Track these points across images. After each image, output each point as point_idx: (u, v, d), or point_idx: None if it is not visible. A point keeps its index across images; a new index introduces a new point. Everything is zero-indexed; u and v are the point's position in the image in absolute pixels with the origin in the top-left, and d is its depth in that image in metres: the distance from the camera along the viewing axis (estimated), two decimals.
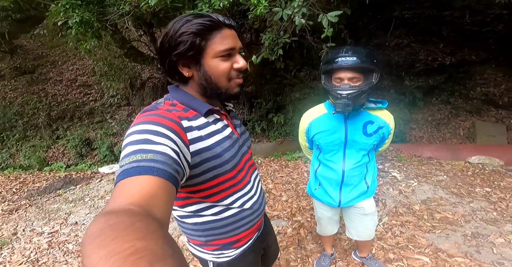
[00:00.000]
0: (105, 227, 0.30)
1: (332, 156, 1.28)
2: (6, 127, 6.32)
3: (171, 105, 0.66)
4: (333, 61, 1.08)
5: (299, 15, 2.45)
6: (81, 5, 2.79)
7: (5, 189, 3.77)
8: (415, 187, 2.79)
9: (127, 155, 0.48)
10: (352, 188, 1.32)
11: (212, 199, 0.71)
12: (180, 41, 0.61)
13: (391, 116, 1.25)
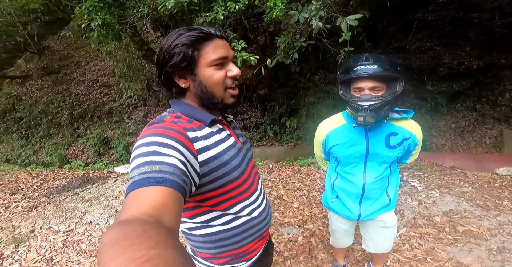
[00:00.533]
0: (120, 236, 0.32)
1: (352, 169, 1.20)
2: (31, 125, 6.67)
3: (176, 117, 0.67)
4: (352, 69, 1.00)
5: (316, 18, 2.39)
6: (103, 7, 2.89)
7: (27, 186, 3.93)
8: (436, 198, 2.66)
9: (136, 166, 0.50)
10: (373, 201, 1.23)
11: (221, 207, 0.71)
12: (174, 53, 0.63)
13: (417, 126, 1.15)
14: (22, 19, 6.85)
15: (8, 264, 2.08)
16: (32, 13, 7.11)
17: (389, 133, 1.12)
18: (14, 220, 2.83)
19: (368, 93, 1.00)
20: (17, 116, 6.85)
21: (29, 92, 7.22)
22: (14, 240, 2.40)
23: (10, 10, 6.32)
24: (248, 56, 2.44)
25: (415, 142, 1.16)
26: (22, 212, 3.01)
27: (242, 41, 2.53)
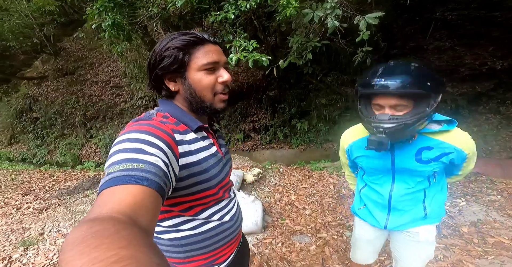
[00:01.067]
0: (88, 234, 0.30)
1: (378, 179, 1.09)
2: (46, 125, 6.83)
3: (164, 117, 0.66)
4: (369, 83, 0.85)
5: (332, 17, 2.28)
6: (113, 7, 2.87)
7: (39, 187, 3.97)
8: (462, 206, 2.50)
9: (117, 162, 0.48)
10: (404, 213, 1.09)
11: (191, 213, 0.70)
12: (165, 55, 0.64)
13: (463, 138, 0.96)
14: (39, 21, 7.06)
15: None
16: (49, 15, 7.32)
17: (422, 147, 0.97)
18: (24, 222, 2.83)
19: (387, 113, 0.85)
20: (33, 117, 7.04)
21: (45, 93, 7.40)
22: (24, 243, 2.38)
23: (28, 12, 6.51)
24: (260, 56, 2.35)
25: (462, 157, 0.98)
26: (33, 214, 3.02)
27: (253, 41, 2.45)
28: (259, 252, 2.06)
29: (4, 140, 7.10)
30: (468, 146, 0.97)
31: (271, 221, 2.46)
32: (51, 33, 7.62)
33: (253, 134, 4.87)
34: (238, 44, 2.43)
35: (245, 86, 5.00)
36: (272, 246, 2.13)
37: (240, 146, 4.78)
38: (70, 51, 8.10)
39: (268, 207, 2.69)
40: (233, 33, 2.64)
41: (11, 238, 2.51)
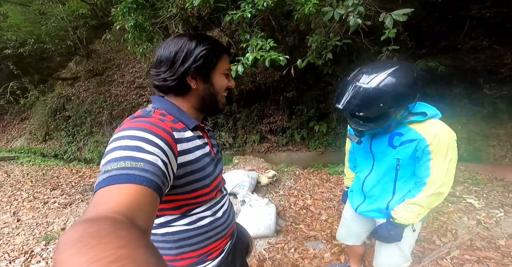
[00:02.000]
0: (84, 235, 0.29)
1: (363, 163, 1.26)
2: (77, 123, 7.26)
3: (161, 114, 0.65)
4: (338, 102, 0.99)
5: (355, 15, 2.16)
6: (136, 8, 2.96)
7: (66, 182, 4.17)
8: (500, 218, 2.27)
9: (115, 159, 0.47)
10: (373, 200, 1.23)
11: (182, 210, 0.71)
12: (201, 54, 0.66)
13: (436, 128, 0.97)
14: (73, 24, 7.54)
15: (36, 262, 2.12)
16: (81, 18, 7.80)
17: (394, 133, 1.07)
18: (49, 216, 2.97)
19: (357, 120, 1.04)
20: (66, 115, 7.50)
21: (77, 93, 7.88)
22: (46, 237, 2.48)
23: (63, 15, 6.97)
24: (277, 56, 2.29)
25: (422, 146, 0.97)
26: (58, 209, 3.15)
27: (270, 40, 2.40)
28: (270, 257, 1.99)
29: (39, 137, 7.63)
30: (433, 136, 0.95)
31: (285, 225, 2.37)
32: (84, 35, 8.10)
33: (269, 135, 4.80)
34: (255, 43, 2.39)
35: (263, 87, 4.96)
36: (285, 251, 2.05)
37: (256, 147, 4.74)
38: (100, 53, 8.58)
39: (282, 210, 2.60)
40: (250, 33, 2.61)
41: (35, 232, 2.62)
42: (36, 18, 6.98)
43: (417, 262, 1.82)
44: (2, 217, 3.01)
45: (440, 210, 2.43)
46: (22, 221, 2.88)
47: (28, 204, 3.34)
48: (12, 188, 3.94)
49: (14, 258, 2.19)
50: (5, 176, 4.54)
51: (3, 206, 3.29)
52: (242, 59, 2.33)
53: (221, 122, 4.99)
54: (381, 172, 1.14)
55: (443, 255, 1.86)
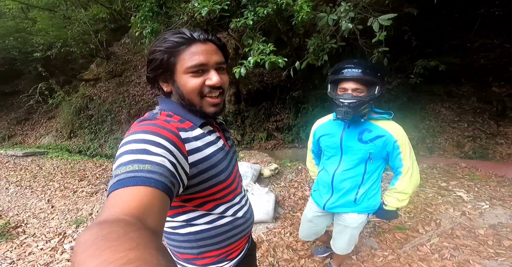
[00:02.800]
0: (98, 237, 0.30)
1: (330, 159, 1.36)
2: (99, 122, 7.78)
3: (168, 116, 0.66)
4: (339, 71, 1.15)
5: (346, 20, 2.35)
6: (152, 16, 3.28)
7: (91, 174, 4.62)
8: (485, 209, 2.41)
9: (123, 164, 0.48)
10: (341, 195, 1.34)
11: (205, 208, 0.71)
12: (152, 58, 0.64)
13: (396, 127, 1.23)
14: (94, 27, 7.99)
15: (68, 242, 2.46)
16: (101, 21, 8.25)
17: (364, 129, 1.23)
18: (79, 203, 3.36)
19: (350, 93, 1.14)
20: (89, 114, 8.02)
21: (98, 93, 8.41)
22: (76, 221, 2.85)
23: (85, 19, 7.42)
24: (276, 59, 2.52)
25: (391, 142, 1.21)
26: (86, 197, 3.55)
27: (270, 44, 2.62)
28: (268, 239, 2.23)
29: (65, 134, 8.24)
30: (397, 133, 1.21)
31: (283, 213, 2.61)
32: (104, 38, 8.56)
33: (276, 133, 5.02)
34: (256, 47, 2.62)
35: (270, 86, 5.17)
36: (281, 235, 2.28)
37: (263, 144, 4.97)
38: (118, 55, 9.07)
39: (282, 200, 2.84)
40: (253, 38, 2.84)
41: (67, 217, 3.00)
42: (62, 22, 7.41)
43: (399, 247, 2.00)
44: (38, 204, 3.43)
45: (429, 202, 2.58)
46: (56, 207, 3.28)
47: (60, 193, 3.77)
48: (45, 179, 4.42)
49: (50, 239, 2.53)
50: (38, 169, 5.06)
51: (39, 195, 3.74)
52: (245, 62, 2.57)
53: (230, 120, 5.27)
54: (351, 166, 1.27)
55: (423, 242, 2.03)
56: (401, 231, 2.20)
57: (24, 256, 2.21)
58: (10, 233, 2.60)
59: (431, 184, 3.04)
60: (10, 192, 3.87)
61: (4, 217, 2.99)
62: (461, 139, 4.29)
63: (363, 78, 1.11)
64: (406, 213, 2.45)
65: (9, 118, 9.63)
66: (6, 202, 3.49)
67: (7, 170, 5.05)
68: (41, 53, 7.30)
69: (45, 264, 2.10)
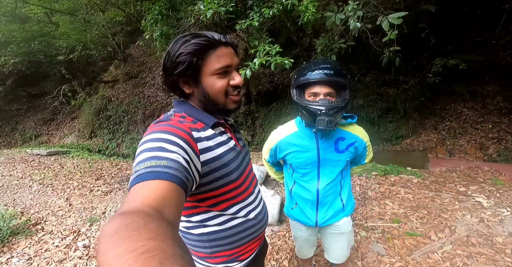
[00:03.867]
0: (120, 227, 0.33)
1: (306, 175, 1.21)
2: (116, 122, 8.08)
3: (181, 117, 0.70)
4: (308, 73, 1.01)
5: (354, 19, 2.27)
6: (161, 19, 3.34)
7: (107, 173, 4.80)
8: (505, 217, 2.24)
9: (142, 161, 0.52)
10: (328, 207, 1.25)
11: (218, 208, 0.73)
12: (179, 61, 0.65)
13: (362, 130, 1.19)
14: (112, 30, 8.28)
15: (81, 239, 2.56)
16: (118, 24, 8.52)
17: (338, 137, 1.14)
18: (94, 202, 3.50)
19: (325, 98, 1.01)
20: (108, 115, 8.35)
21: (116, 94, 8.73)
22: (90, 219, 2.96)
23: (104, 23, 7.69)
24: (282, 60, 2.48)
25: (362, 145, 1.19)
26: (100, 196, 3.69)
27: (276, 45, 2.58)
28: (272, 242, 2.21)
29: (86, 134, 8.64)
30: (365, 136, 1.19)
31: None
32: (121, 41, 8.86)
33: None
34: (262, 49, 2.60)
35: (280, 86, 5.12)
36: (285, 238, 2.26)
37: None
38: (134, 57, 9.36)
39: None
40: (259, 39, 2.82)
41: (82, 215, 3.13)
42: (82, 26, 7.72)
43: (408, 254, 1.92)
44: (58, 202, 3.61)
45: (445, 207, 2.44)
46: (73, 206, 3.44)
47: (78, 191, 3.95)
48: (65, 177, 4.65)
49: (66, 236, 2.64)
50: (59, 168, 5.34)
51: (58, 193, 3.94)
52: (250, 64, 2.55)
53: (240, 121, 5.28)
54: (331, 178, 1.18)
55: (435, 249, 1.93)
56: (412, 237, 2.10)
57: (41, 253, 2.34)
58: (30, 230, 2.75)
59: (448, 188, 2.88)
60: (33, 190, 4.11)
61: (26, 214, 3.18)
62: (485, 141, 4.04)
63: (336, 81, 1.00)
64: (418, 219, 2.33)
65: (36, 119, 10.22)
66: (28, 200, 3.71)
67: (32, 168, 5.37)
68: (64, 56, 7.66)
69: (59, 261, 2.21)
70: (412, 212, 2.44)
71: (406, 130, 4.37)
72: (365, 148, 1.22)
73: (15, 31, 7.24)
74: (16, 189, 4.18)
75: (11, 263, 2.19)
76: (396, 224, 2.30)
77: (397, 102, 4.43)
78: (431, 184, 3.01)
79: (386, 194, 2.85)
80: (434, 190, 2.85)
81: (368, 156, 1.29)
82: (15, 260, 2.22)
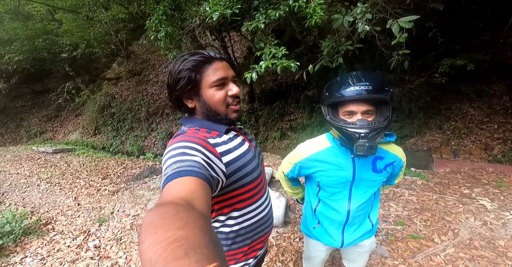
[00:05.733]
0: (156, 217, 0.37)
1: (335, 195, 1.10)
2: (120, 119, 8.12)
3: (196, 129, 0.76)
4: (342, 90, 0.89)
5: (363, 22, 2.25)
6: (166, 19, 3.33)
7: (113, 172, 4.84)
8: (508, 220, 2.27)
9: (169, 165, 0.59)
10: (356, 227, 1.17)
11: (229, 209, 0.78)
12: (180, 77, 0.72)
13: (400, 149, 1.11)
14: (114, 27, 8.23)
15: (92, 240, 2.60)
16: (121, 21, 8.48)
17: (376, 156, 1.04)
18: (101, 201, 3.53)
19: (363, 119, 0.89)
20: (111, 112, 8.39)
21: (120, 92, 8.76)
22: (99, 219, 3.00)
23: (106, 20, 7.64)
24: (288, 63, 2.47)
25: (400, 165, 1.11)
26: (108, 195, 3.72)
27: (282, 48, 2.57)
28: (277, 244, 2.25)
29: (90, 131, 8.70)
30: (403, 156, 1.10)
31: (293, 217, 2.61)
32: (124, 38, 8.80)
33: (290, 132, 4.99)
34: (268, 51, 2.59)
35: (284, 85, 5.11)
36: (290, 240, 2.29)
37: (276, 144, 4.97)
38: (137, 54, 9.33)
39: (293, 204, 2.84)
40: (265, 41, 2.81)
41: (91, 215, 3.17)
42: (85, 23, 7.70)
43: (411, 257, 1.95)
44: (66, 201, 3.66)
45: (448, 210, 2.46)
46: (81, 205, 3.48)
47: (85, 190, 4.00)
48: (72, 176, 4.71)
49: (76, 236, 2.68)
50: (66, 166, 5.41)
51: (66, 192, 4.00)
52: (257, 67, 2.55)
53: (243, 120, 5.29)
54: (365, 199, 1.09)
55: (437, 252, 1.96)
56: (415, 239, 2.14)
57: (53, 253, 2.39)
58: (41, 229, 2.82)
59: (452, 190, 2.89)
60: (41, 189, 4.17)
61: (36, 214, 3.24)
62: (490, 141, 4.02)
63: (376, 97, 0.86)
64: (422, 222, 2.36)
65: (40, 115, 10.31)
66: (37, 199, 3.77)
67: (39, 166, 5.44)
68: (67, 53, 7.69)
69: (72, 261, 2.26)
70: (416, 214, 2.47)
71: (410, 130, 4.37)
72: (400, 168, 1.14)
73: (19, 29, 7.26)
74: (25, 188, 4.25)
75: (25, 263, 2.25)
76: (400, 226, 2.33)
77: (402, 102, 4.41)
78: (435, 186, 3.03)
79: (390, 196, 2.88)
80: (439, 192, 2.87)
81: (399, 176, 1.23)
82: (29, 260, 2.29)
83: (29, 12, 7.93)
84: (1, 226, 2.56)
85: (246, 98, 5.28)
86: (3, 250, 2.40)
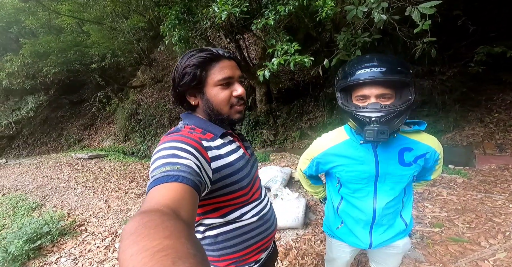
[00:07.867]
0: (139, 225, 0.35)
1: (358, 192, 1.00)
2: (146, 125, 8.51)
3: (191, 128, 0.73)
4: (353, 74, 0.81)
5: (379, 11, 2.11)
6: (179, 23, 3.41)
7: (139, 176, 5.08)
8: None
9: (158, 167, 0.56)
10: (387, 228, 1.04)
11: (223, 212, 0.76)
12: (185, 73, 0.70)
13: (434, 139, 0.96)
14: (136, 37, 8.64)
15: (118, 241, 2.71)
16: (142, 30, 8.87)
17: (403, 148, 0.92)
18: (129, 204, 3.71)
19: (376, 102, 0.81)
20: (138, 118, 8.83)
21: (144, 99, 9.19)
22: (126, 221, 3.14)
23: (128, 29, 8.02)
24: (301, 58, 2.39)
25: (435, 158, 0.97)
26: (134, 198, 3.91)
27: (295, 44, 2.50)
28: (296, 246, 2.18)
29: (121, 138, 9.23)
30: (439, 146, 0.97)
31: (315, 219, 2.52)
32: (145, 46, 9.22)
33: (310, 132, 4.84)
34: (280, 48, 2.53)
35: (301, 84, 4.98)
36: (311, 242, 2.21)
37: (296, 144, 4.85)
38: (158, 61, 9.73)
39: (314, 205, 2.74)
40: (277, 37, 2.75)
41: (119, 217, 3.33)
42: (109, 34, 8.13)
43: (452, 262, 1.77)
44: (98, 203, 3.89)
45: (497, 211, 2.22)
46: (111, 207, 3.68)
47: (115, 193, 4.23)
48: (104, 180, 5.01)
49: (105, 237, 2.82)
50: (99, 171, 5.77)
51: (99, 195, 4.26)
52: (269, 64, 2.50)
53: (262, 120, 5.25)
54: (393, 196, 0.98)
55: (485, 256, 1.76)
56: (457, 243, 1.94)
57: (85, 253, 2.55)
58: (75, 230, 3.02)
59: (500, 189, 2.60)
60: (78, 192, 4.49)
61: (72, 216, 3.49)
62: None
63: (391, 78, 0.78)
64: (465, 223, 2.15)
65: (78, 124, 11.14)
66: (74, 202, 4.06)
67: (76, 171, 5.87)
68: (97, 64, 8.13)
69: (100, 262, 2.39)
70: (457, 215, 2.26)
71: (445, 124, 4.01)
72: (436, 161, 0.99)
73: (52, 42, 7.72)
74: (63, 192, 4.60)
75: (60, 262, 2.42)
76: (438, 228, 2.14)
77: (433, 95, 4.07)
78: (479, 184, 2.74)
79: (424, 195, 2.66)
80: (484, 191, 2.60)
81: (437, 171, 1.08)
82: (63, 260, 2.45)
83: (60, 25, 8.51)
84: (40, 227, 2.78)
85: (263, 99, 5.23)
86: (42, 250, 2.60)
